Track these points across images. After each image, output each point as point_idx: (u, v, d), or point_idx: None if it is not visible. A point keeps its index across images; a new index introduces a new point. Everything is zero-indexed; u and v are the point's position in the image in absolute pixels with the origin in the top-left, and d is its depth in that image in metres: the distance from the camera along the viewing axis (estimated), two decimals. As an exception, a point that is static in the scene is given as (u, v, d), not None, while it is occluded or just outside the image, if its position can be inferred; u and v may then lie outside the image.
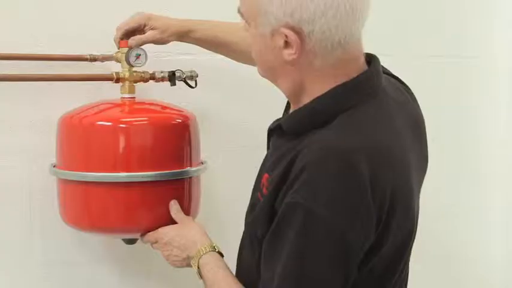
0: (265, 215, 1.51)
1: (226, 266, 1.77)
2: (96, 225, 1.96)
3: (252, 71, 2.40)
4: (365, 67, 1.57)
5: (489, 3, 2.80)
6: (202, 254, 1.80)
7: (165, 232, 1.91)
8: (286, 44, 1.48)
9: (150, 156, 1.89)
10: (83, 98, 2.10)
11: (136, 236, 2.01)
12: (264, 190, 1.56)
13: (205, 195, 2.10)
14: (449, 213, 2.73)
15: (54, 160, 2.02)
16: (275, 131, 1.64)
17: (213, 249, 1.81)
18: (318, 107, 1.52)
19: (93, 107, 1.99)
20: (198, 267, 1.79)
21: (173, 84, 2.08)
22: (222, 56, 2.21)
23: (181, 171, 1.93)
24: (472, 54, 2.80)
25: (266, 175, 1.59)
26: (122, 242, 2.08)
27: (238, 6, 1.59)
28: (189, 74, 2.11)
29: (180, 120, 1.98)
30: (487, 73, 2.83)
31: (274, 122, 1.68)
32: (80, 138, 1.93)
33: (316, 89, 1.53)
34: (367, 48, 2.57)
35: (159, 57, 2.20)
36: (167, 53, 2.23)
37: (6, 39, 2.08)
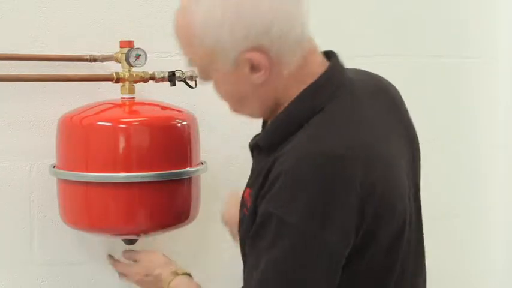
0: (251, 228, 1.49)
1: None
2: (95, 226, 1.96)
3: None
4: (326, 63, 1.54)
5: (490, 4, 2.80)
6: (168, 282, 1.84)
7: (132, 275, 1.99)
8: (252, 68, 1.46)
9: (150, 156, 1.89)
10: (83, 98, 2.10)
11: (136, 236, 2.02)
12: (248, 204, 1.54)
13: (205, 195, 2.10)
14: (449, 213, 2.73)
15: (54, 160, 2.02)
16: (255, 148, 1.62)
17: (174, 275, 1.85)
18: (289, 115, 1.50)
19: (93, 107, 1.99)
20: None
21: (173, 84, 2.08)
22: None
23: (181, 172, 1.93)
24: (473, 55, 2.80)
25: (248, 190, 1.57)
26: (122, 242, 2.08)
27: (189, 61, 1.56)
28: (189, 74, 2.10)
29: (180, 121, 1.98)
30: (487, 74, 2.83)
31: (252, 138, 1.65)
32: (79, 139, 1.93)
33: (290, 97, 1.50)
34: (368, 49, 2.59)
35: (159, 58, 2.20)
36: (167, 53, 2.23)
37: (6, 40, 2.08)
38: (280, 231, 1.39)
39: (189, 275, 1.87)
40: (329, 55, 1.58)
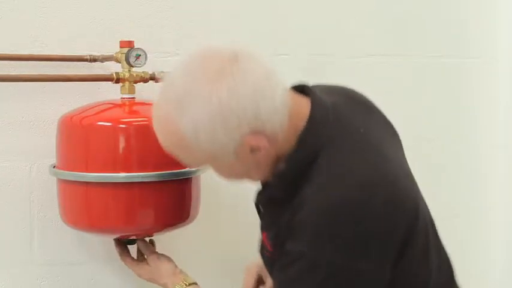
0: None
1: None
2: (95, 226, 1.96)
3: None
4: (304, 100, 1.59)
5: (490, 4, 2.80)
6: None
7: (138, 273, 2.02)
8: (253, 149, 1.50)
9: (150, 156, 1.88)
10: (83, 98, 2.10)
11: (137, 236, 2.02)
12: (268, 247, 1.64)
13: (205, 196, 2.10)
14: (449, 213, 2.73)
15: (54, 160, 2.02)
16: (264, 203, 1.70)
17: (183, 286, 1.90)
18: (292, 165, 1.55)
19: (93, 107, 1.99)
20: None
21: (173, 84, 2.08)
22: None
23: (181, 172, 1.93)
24: (473, 55, 2.80)
25: (264, 233, 1.68)
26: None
27: (188, 164, 1.65)
28: (189, 74, 2.10)
29: (180, 121, 1.98)
30: (487, 74, 2.83)
31: (257, 195, 1.71)
32: (80, 139, 1.93)
33: (288, 147, 1.55)
34: (368, 49, 2.59)
35: (159, 58, 2.20)
36: (167, 54, 2.23)
37: (6, 40, 2.08)
38: (314, 269, 1.47)
39: (195, 283, 1.91)
40: (301, 89, 1.63)
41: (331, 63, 2.52)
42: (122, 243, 2.05)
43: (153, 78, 2.06)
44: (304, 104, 1.57)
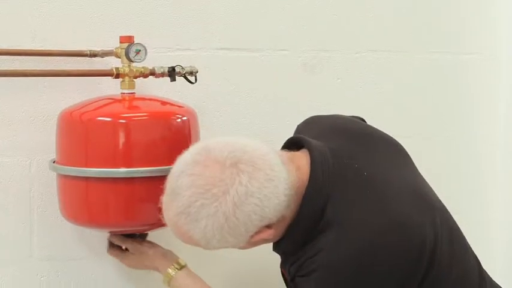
0: None
1: (193, 282, 1.95)
2: (95, 221, 1.95)
3: (253, 67, 2.41)
4: (303, 155, 1.66)
5: (490, 0, 2.79)
6: (168, 278, 1.95)
7: (128, 264, 2.07)
8: (260, 237, 1.61)
9: (150, 151, 1.89)
10: (82, 93, 2.10)
11: (137, 231, 2.02)
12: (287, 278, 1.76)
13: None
14: (450, 209, 2.73)
15: (54, 156, 2.01)
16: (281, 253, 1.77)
17: (173, 271, 1.95)
18: (301, 226, 1.63)
19: (93, 102, 1.99)
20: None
21: (173, 79, 2.08)
22: (223, 52, 2.22)
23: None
24: (473, 51, 2.79)
25: (282, 269, 1.78)
26: (122, 238, 2.08)
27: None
28: (189, 69, 2.10)
29: (180, 116, 1.98)
30: (487, 70, 2.83)
31: (275, 248, 1.76)
32: (79, 134, 1.93)
33: (295, 212, 1.64)
34: (369, 45, 2.59)
35: (159, 53, 2.20)
36: (167, 49, 2.23)
37: (5, 35, 2.07)
38: None
39: (186, 266, 1.97)
40: (298, 142, 1.71)
41: (331, 59, 2.52)
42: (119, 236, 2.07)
43: (153, 73, 2.06)
44: (304, 164, 1.64)
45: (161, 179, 1.88)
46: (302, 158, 1.66)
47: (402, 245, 1.58)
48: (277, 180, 1.57)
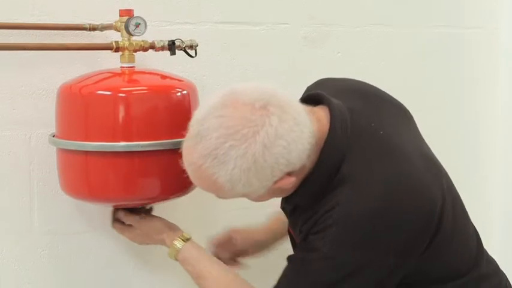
0: None
1: (200, 254, 1.92)
2: (95, 195, 1.95)
3: (253, 40, 2.40)
4: (323, 112, 1.67)
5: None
6: (175, 251, 1.93)
7: (134, 239, 2.06)
8: (282, 186, 1.62)
9: (149, 125, 1.88)
10: (82, 67, 2.09)
11: (136, 206, 2.02)
12: (297, 241, 1.79)
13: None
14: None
15: (53, 130, 2.01)
16: (292, 210, 1.78)
17: (179, 243, 1.93)
18: (317, 178, 1.63)
19: (92, 76, 1.98)
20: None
21: (173, 53, 2.07)
22: (223, 26, 2.22)
23: (181, 141, 1.91)
24: (475, 25, 2.78)
25: (292, 231, 1.81)
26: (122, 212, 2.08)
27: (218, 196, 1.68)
28: (188, 43, 2.09)
29: (179, 90, 1.97)
30: (489, 44, 2.82)
31: (285, 203, 1.79)
32: (79, 108, 1.92)
33: (312, 166, 1.64)
34: (370, 19, 2.58)
35: (159, 26, 2.19)
36: (167, 22, 2.22)
37: (4, 9, 2.06)
38: (327, 263, 1.60)
39: (191, 239, 1.95)
40: (317, 98, 1.70)
41: (333, 32, 2.51)
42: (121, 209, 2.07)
43: (152, 47, 2.05)
44: (323, 118, 1.65)
45: (161, 153, 1.89)
46: (321, 113, 1.66)
47: (415, 205, 1.58)
48: (303, 126, 1.58)
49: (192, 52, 2.10)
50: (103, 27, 2.09)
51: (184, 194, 2.01)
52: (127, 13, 2.00)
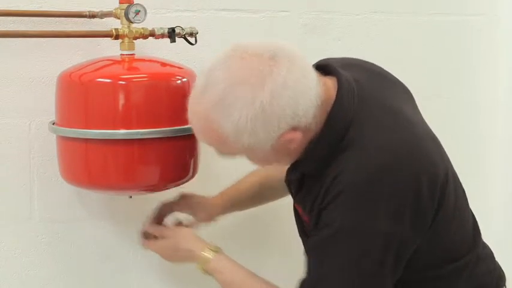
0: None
1: (231, 264, 1.87)
2: (95, 183, 1.95)
3: (253, 28, 2.39)
4: (331, 81, 1.65)
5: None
6: (205, 260, 1.87)
7: (160, 251, 2.00)
8: (286, 142, 1.58)
9: (149, 113, 1.88)
10: (81, 55, 2.09)
11: (137, 193, 2.02)
12: (306, 220, 1.74)
13: (205, 153, 2.09)
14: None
15: (53, 117, 2.01)
16: (297, 179, 1.74)
17: (210, 254, 1.88)
18: (324, 141, 1.61)
19: (92, 63, 1.98)
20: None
21: (173, 41, 2.06)
22: (224, 13, 2.21)
23: (181, 128, 1.92)
24: (476, 12, 2.78)
25: (300, 207, 1.78)
26: (122, 200, 2.08)
27: (220, 154, 1.67)
28: (189, 30, 2.08)
29: (179, 77, 1.97)
30: (490, 31, 2.82)
31: (290, 173, 1.76)
32: (79, 95, 1.92)
33: (318, 131, 1.62)
34: (371, 6, 2.57)
35: (159, 14, 2.18)
36: (167, 10, 2.22)
37: (4, -4, 2.06)
38: (348, 236, 1.57)
39: (220, 249, 1.90)
40: (325, 67, 1.69)
41: (333, 20, 2.50)
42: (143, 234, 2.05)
43: (152, 34, 2.04)
44: (331, 85, 1.63)
45: (161, 140, 1.89)
46: (329, 81, 1.65)
47: (420, 167, 1.58)
48: (310, 81, 1.58)
49: (192, 39, 2.10)
50: (103, 15, 2.09)
51: (184, 182, 2.01)
52: (127, 0, 1.99)
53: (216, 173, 2.31)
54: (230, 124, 1.54)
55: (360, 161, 1.56)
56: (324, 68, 1.69)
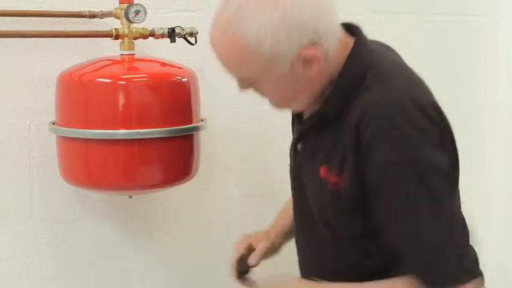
0: (355, 191, 1.55)
1: None
2: (95, 183, 1.96)
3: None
4: (350, 38, 1.64)
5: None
6: None
7: None
8: (306, 63, 1.54)
9: (149, 113, 1.88)
10: (82, 55, 2.09)
11: (136, 193, 2.02)
12: (332, 179, 1.59)
13: (205, 153, 2.10)
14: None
15: (53, 117, 2.01)
16: (316, 124, 1.66)
17: None
18: (346, 80, 1.58)
19: (92, 63, 1.98)
20: None
21: (173, 41, 2.07)
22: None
23: (181, 128, 1.92)
24: (476, 12, 2.78)
25: (324, 168, 1.62)
26: (122, 199, 2.08)
27: (237, 79, 1.62)
28: (189, 30, 2.09)
29: (179, 77, 1.97)
30: (490, 31, 2.82)
31: (305, 124, 1.70)
32: (79, 95, 1.93)
33: (335, 76, 1.59)
34: (371, 6, 2.57)
35: (159, 14, 2.18)
36: (167, 10, 2.22)
37: (4, -4, 2.06)
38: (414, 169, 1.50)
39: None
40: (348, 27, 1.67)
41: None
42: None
43: (152, 34, 2.05)
44: (349, 39, 1.63)
45: (161, 140, 1.89)
46: (348, 36, 1.64)
47: (436, 118, 1.58)
48: (335, 10, 1.57)
49: (192, 39, 2.10)
50: (103, 15, 2.09)
51: (184, 182, 2.01)
52: (127, 0, 1.99)
53: (217, 172, 2.32)
54: (252, 29, 1.50)
55: (383, 93, 1.53)
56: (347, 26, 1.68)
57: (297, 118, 1.77)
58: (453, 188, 1.60)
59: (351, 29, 1.66)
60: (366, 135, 1.50)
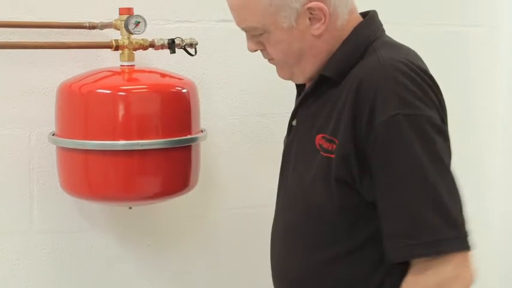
0: (350, 157, 1.52)
1: None
2: (95, 194, 1.96)
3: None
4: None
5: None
6: None
7: None
8: (312, 19, 1.56)
9: (149, 124, 1.89)
10: (82, 66, 2.09)
11: (136, 204, 2.02)
12: (328, 145, 1.57)
13: (205, 163, 2.10)
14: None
15: (53, 128, 2.01)
16: (309, 96, 1.67)
17: None
18: (353, 43, 1.62)
19: (92, 74, 1.99)
20: None
21: (173, 51, 2.07)
22: (223, 24, 2.22)
23: (181, 139, 1.92)
24: (474, 23, 2.78)
25: (319, 135, 1.60)
26: (122, 210, 2.08)
27: (245, 28, 1.65)
28: (188, 41, 2.09)
29: (179, 88, 1.98)
30: (488, 42, 2.82)
31: (304, 93, 1.69)
32: (79, 106, 1.93)
33: (338, 45, 1.62)
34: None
35: (159, 25, 2.19)
36: (166, 21, 2.22)
37: (3, 7, 2.06)
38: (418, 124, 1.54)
39: None
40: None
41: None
42: None
43: (152, 45, 2.05)
44: (361, 18, 1.67)
45: (161, 151, 1.89)
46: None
47: (434, 86, 1.65)
48: None
49: (191, 50, 2.11)
50: (103, 26, 2.09)
51: (184, 193, 2.01)
52: (127, 11, 2.00)
53: (217, 182, 2.32)
54: None
55: (387, 54, 1.57)
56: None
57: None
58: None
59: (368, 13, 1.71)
60: (368, 95, 1.51)
